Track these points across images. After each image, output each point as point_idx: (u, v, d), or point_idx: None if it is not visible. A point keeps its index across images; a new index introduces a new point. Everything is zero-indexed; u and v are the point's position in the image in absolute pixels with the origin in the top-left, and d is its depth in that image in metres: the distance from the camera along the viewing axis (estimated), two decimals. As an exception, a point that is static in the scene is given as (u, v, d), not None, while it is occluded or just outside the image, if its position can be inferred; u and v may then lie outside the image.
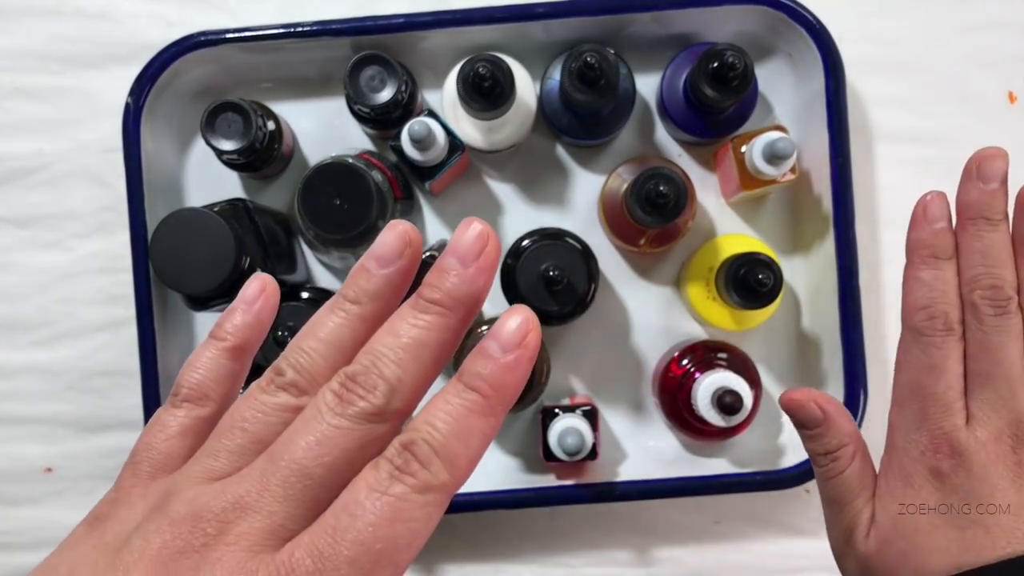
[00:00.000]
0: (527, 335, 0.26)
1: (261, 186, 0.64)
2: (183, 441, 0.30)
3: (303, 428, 0.26)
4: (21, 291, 0.64)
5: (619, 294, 0.63)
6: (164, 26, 0.63)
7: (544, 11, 0.58)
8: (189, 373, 0.31)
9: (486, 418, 0.26)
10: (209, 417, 0.30)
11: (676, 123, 0.59)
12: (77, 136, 0.64)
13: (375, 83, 0.56)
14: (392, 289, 0.29)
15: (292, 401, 0.27)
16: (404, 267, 0.29)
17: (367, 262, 0.29)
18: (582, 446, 0.56)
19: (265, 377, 0.28)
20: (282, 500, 0.25)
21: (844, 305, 0.58)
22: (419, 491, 0.25)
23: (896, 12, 0.63)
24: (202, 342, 0.32)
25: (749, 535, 0.63)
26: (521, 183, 0.63)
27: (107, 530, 0.27)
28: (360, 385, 0.26)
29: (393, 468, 0.25)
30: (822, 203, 0.59)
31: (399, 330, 0.27)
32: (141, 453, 0.30)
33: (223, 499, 0.25)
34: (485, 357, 0.26)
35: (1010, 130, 0.63)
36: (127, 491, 0.29)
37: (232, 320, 0.32)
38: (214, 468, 0.27)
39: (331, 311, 0.29)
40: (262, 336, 0.32)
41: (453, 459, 0.25)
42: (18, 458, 0.64)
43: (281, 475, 0.25)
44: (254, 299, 0.32)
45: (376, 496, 0.24)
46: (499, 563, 0.64)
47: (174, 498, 0.26)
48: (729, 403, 0.53)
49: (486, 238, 0.27)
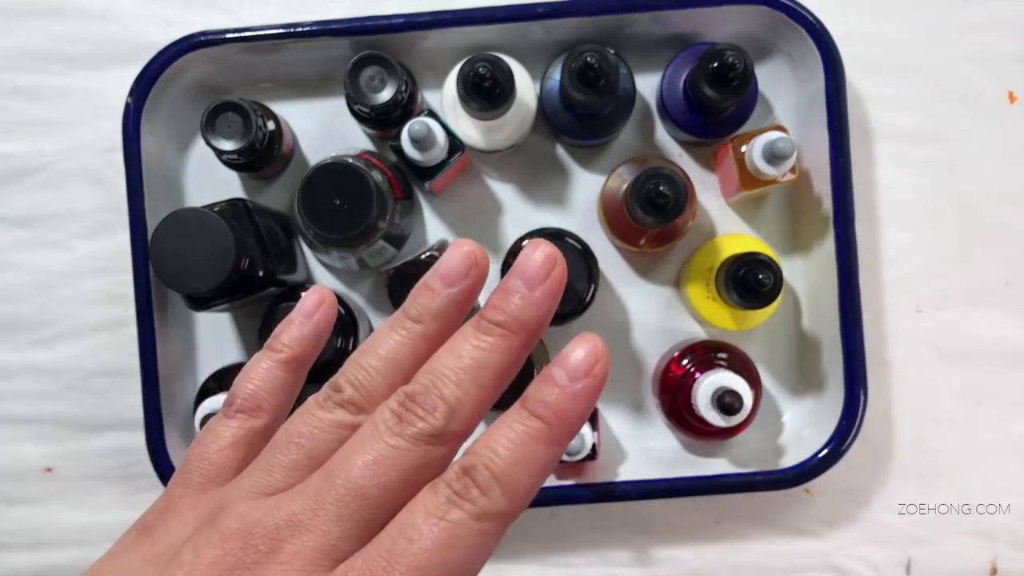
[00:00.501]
0: (596, 364, 0.26)
1: (261, 186, 0.63)
2: (235, 452, 0.29)
3: (360, 446, 0.26)
4: (21, 291, 0.64)
5: (619, 294, 0.63)
6: (164, 26, 0.63)
7: (544, 11, 0.58)
8: (244, 383, 0.30)
9: (548, 447, 0.25)
10: (262, 429, 0.30)
11: (676, 123, 0.59)
12: (77, 136, 0.64)
13: (375, 83, 0.56)
14: (455, 309, 0.28)
15: (349, 419, 0.27)
16: (469, 287, 0.28)
17: (431, 280, 0.28)
18: (582, 446, 0.56)
19: (323, 393, 0.28)
20: (336, 520, 0.25)
21: (844, 305, 0.58)
22: (477, 518, 0.24)
23: (896, 12, 0.63)
24: (258, 352, 0.31)
25: (749, 535, 0.63)
26: (521, 183, 0.63)
27: (156, 540, 0.27)
28: (420, 405, 0.26)
29: (452, 493, 0.24)
30: (822, 203, 0.59)
31: (461, 351, 0.26)
32: (193, 463, 0.29)
33: (276, 516, 0.25)
34: (551, 384, 0.26)
35: (1010, 130, 0.63)
36: (177, 500, 0.28)
37: (289, 332, 0.31)
38: (267, 483, 0.26)
39: (392, 328, 0.28)
40: (319, 349, 0.32)
41: (512, 487, 0.25)
42: (18, 458, 0.64)
43: (336, 494, 0.25)
44: (312, 311, 0.32)
45: (434, 521, 0.24)
46: (499, 563, 0.64)
47: (226, 512, 0.26)
48: (729, 403, 0.53)
49: (553, 262, 0.27)
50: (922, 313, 0.63)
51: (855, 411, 0.58)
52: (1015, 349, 0.63)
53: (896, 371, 0.63)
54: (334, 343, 0.56)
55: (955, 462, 0.63)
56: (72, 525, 0.64)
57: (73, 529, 0.64)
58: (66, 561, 0.64)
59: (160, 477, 0.59)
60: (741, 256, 0.54)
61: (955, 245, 0.63)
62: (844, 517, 0.63)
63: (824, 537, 0.63)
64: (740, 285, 0.53)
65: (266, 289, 0.56)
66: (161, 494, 0.29)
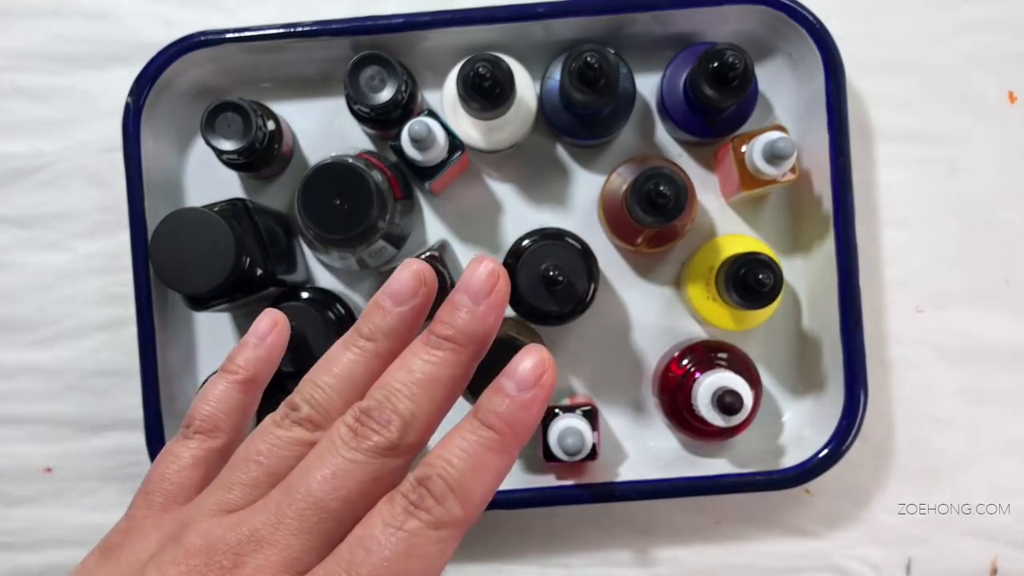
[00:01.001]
0: (543, 375, 0.27)
1: (261, 186, 0.63)
2: (195, 472, 0.30)
3: (318, 461, 0.26)
4: (21, 291, 0.64)
5: (619, 294, 0.63)
6: (164, 26, 0.63)
7: (544, 11, 0.58)
8: (201, 405, 0.31)
9: (501, 455, 0.26)
10: (221, 449, 0.31)
11: (676, 123, 0.59)
12: (77, 136, 0.64)
13: (375, 83, 0.56)
14: (406, 327, 0.29)
15: (306, 436, 0.28)
16: (418, 305, 0.29)
17: (382, 300, 0.29)
18: (582, 446, 0.56)
19: (280, 411, 0.29)
20: (298, 533, 0.25)
21: (844, 305, 0.58)
22: (433, 527, 0.25)
23: (896, 12, 0.63)
24: (213, 375, 0.32)
25: (749, 535, 0.63)
26: (521, 183, 0.63)
27: (121, 560, 0.28)
28: (374, 420, 0.26)
29: (408, 503, 0.25)
30: (822, 203, 0.59)
31: (412, 366, 0.27)
32: (154, 483, 0.30)
33: (239, 531, 0.26)
34: (501, 394, 0.26)
35: (1010, 130, 0.63)
36: (140, 521, 0.29)
37: (244, 354, 0.32)
38: (228, 500, 0.27)
39: (345, 347, 0.29)
40: (272, 370, 0.33)
41: (467, 495, 0.26)
42: (18, 458, 0.64)
43: (297, 508, 0.25)
44: (266, 334, 0.33)
45: (391, 531, 0.25)
46: (499, 563, 0.64)
47: (189, 529, 0.26)
48: (729, 403, 0.53)
49: (496, 276, 0.28)
50: (922, 313, 0.63)
51: (855, 411, 0.58)
52: (1015, 349, 0.63)
53: (896, 371, 0.63)
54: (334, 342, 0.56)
55: (955, 462, 0.63)
56: (72, 525, 0.64)
57: (73, 529, 0.64)
58: (66, 561, 0.64)
59: (160, 477, 0.59)
60: (741, 256, 0.54)
61: (955, 245, 0.63)
62: (844, 517, 0.63)
63: (824, 537, 0.63)
64: (740, 285, 0.53)
65: (266, 289, 0.56)
66: (123, 516, 0.30)
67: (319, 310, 0.57)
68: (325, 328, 0.56)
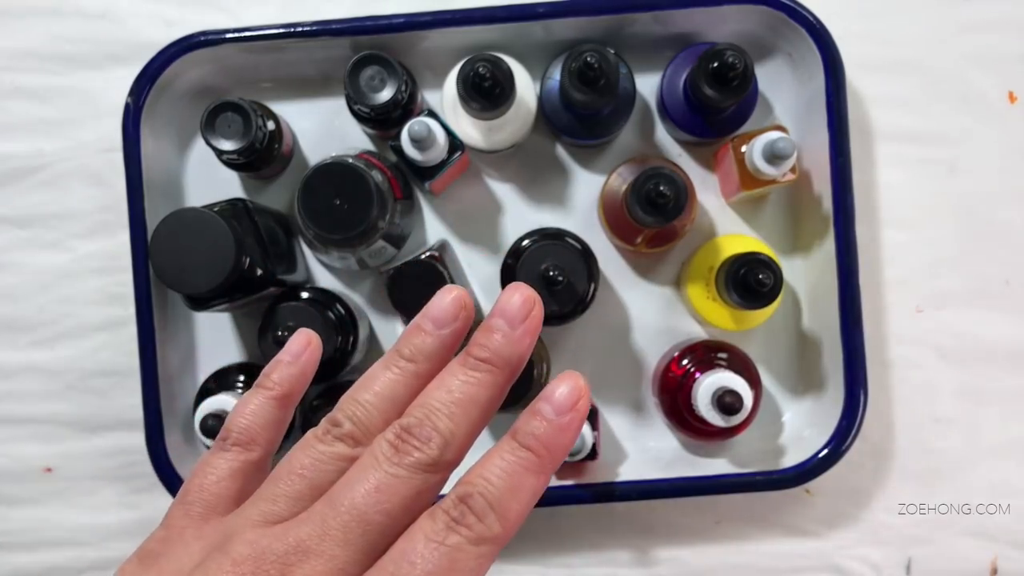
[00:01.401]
0: (579, 400, 0.28)
1: (261, 186, 0.63)
2: (233, 483, 0.31)
3: (361, 476, 0.27)
4: (21, 291, 0.64)
5: (619, 294, 0.63)
6: (164, 26, 0.63)
7: (544, 11, 0.58)
8: (237, 419, 0.32)
9: (537, 476, 0.27)
10: (257, 461, 0.32)
11: (676, 123, 0.59)
12: (77, 136, 0.64)
13: (375, 83, 0.56)
14: (445, 349, 0.30)
15: (348, 451, 0.29)
16: (458, 329, 0.31)
17: (423, 323, 0.30)
18: (582, 446, 0.56)
19: (321, 427, 0.30)
20: (343, 544, 0.26)
21: (844, 305, 0.58)
22: (474, 542, 0.26)
23: (896, 12, 0.63)
24: (249, 390, 0.33)
25: (749, 535, 0.63)
26: (521, 183, 0.63)
27: (164, 568, 0.28)
28: (415, 437, 0.28)
29: (450, 519, 0.26)
30: (822, 203, 0.59)
31: (451, 386, 0.28)
32: (193, 494, 0.31)
33: (285, 542, 0.26)
34: (539, 418, 0.28)
35: (1010, 130, 0.63)
36: (180, 530, 0.30)
37: (279, 371, 0.34)
38: (273, 512, 0.28)
39: (386, 367, 0.30)
40: (305, 387, 0.34)
41: (506, 513, 0.27)
42: (18, 458, 0.64)
43: (341, 520, 0.26)
44: (300, 352, 0.34)
45: (434, 545, 0.26)
46: (499, 563, 0.64)
47: (235, 539, 0.27)
48: (729, 403, 0.53)
49: (532, 303, 0.29)
50: (922, 313, 0.63)
51: (855, 411, 0.58)
52: (1015, 349, 0.63)
53: (896, 371, 0.63)
54: (335, 341, 0.56)
55: (955, 462, 0.63)
56: (72, 525, 0.64)
57: (73, 529, 0.64)
58: (66, 561, 0.64)
59: (160, 477, 0.59)
60: (741, 256, 0.54)
61: (955, 245, 0.63)
62: (844, 517, 0.63)
63: (824, 537, 0.63)
64: (740, 285, 0.53)
65: (266, 289, 0.56)
66: (160, 524, 0.30)
67: (319, 310, 0.57)
68: (325, 328, 0.56)
